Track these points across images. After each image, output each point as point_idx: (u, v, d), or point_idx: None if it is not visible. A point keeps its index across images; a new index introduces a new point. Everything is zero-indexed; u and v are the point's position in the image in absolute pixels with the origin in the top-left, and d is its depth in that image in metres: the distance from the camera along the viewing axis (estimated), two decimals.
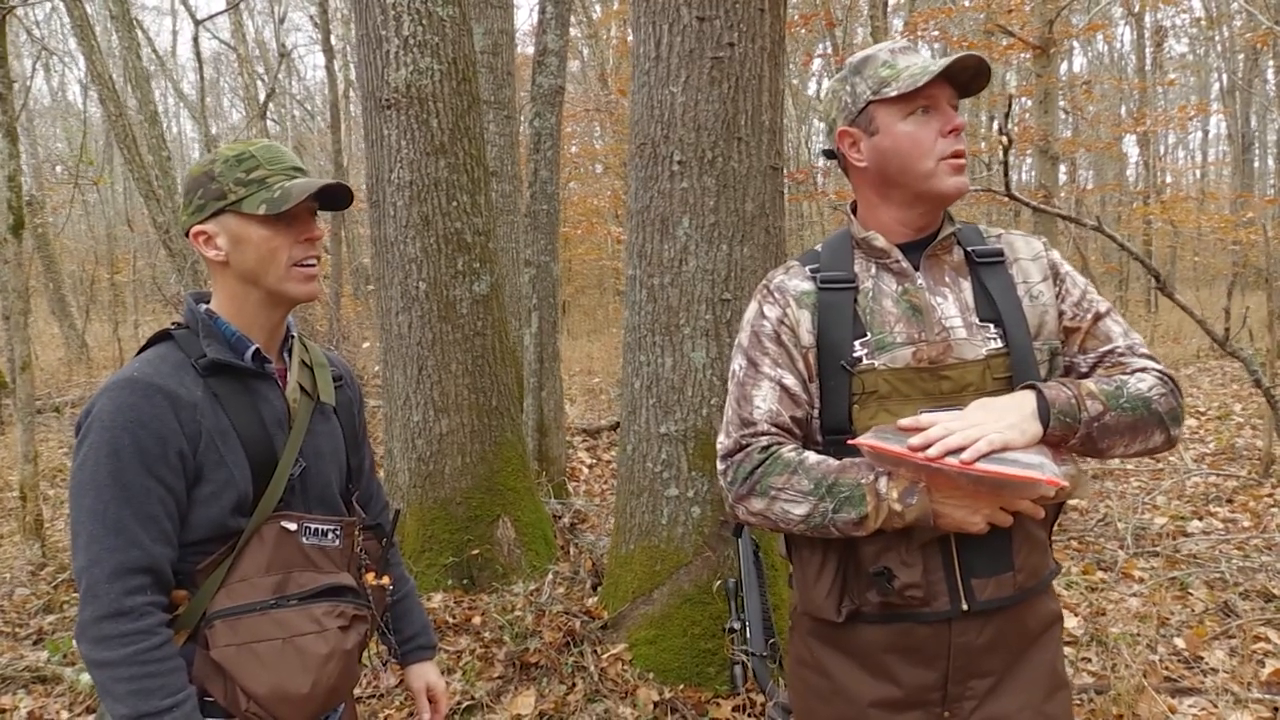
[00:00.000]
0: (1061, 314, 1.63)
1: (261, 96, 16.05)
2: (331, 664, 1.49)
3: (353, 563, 1.66)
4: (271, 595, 1.48)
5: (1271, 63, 17.68)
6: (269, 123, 19.92)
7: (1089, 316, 1.62)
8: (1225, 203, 19.33)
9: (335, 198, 1.59)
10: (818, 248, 1.74)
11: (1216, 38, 22.59)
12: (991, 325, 1.58)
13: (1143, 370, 1.57)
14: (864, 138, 1.61)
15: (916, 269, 1.62)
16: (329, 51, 12.96)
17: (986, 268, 1.63)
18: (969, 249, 1.65)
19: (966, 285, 1.62)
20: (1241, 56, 20.64)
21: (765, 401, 1.61)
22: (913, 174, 1.57)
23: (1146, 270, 4.36)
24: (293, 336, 1.67)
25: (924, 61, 1.56)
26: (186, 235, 1.58)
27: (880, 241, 1.63)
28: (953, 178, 1.56)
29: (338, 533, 1.61)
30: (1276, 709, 3.20)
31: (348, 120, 18.61)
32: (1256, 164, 24.36)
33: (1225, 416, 8.35)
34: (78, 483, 1.42)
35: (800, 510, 1.51)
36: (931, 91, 1.55)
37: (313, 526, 1.56)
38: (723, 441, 1.64)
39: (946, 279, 1.62)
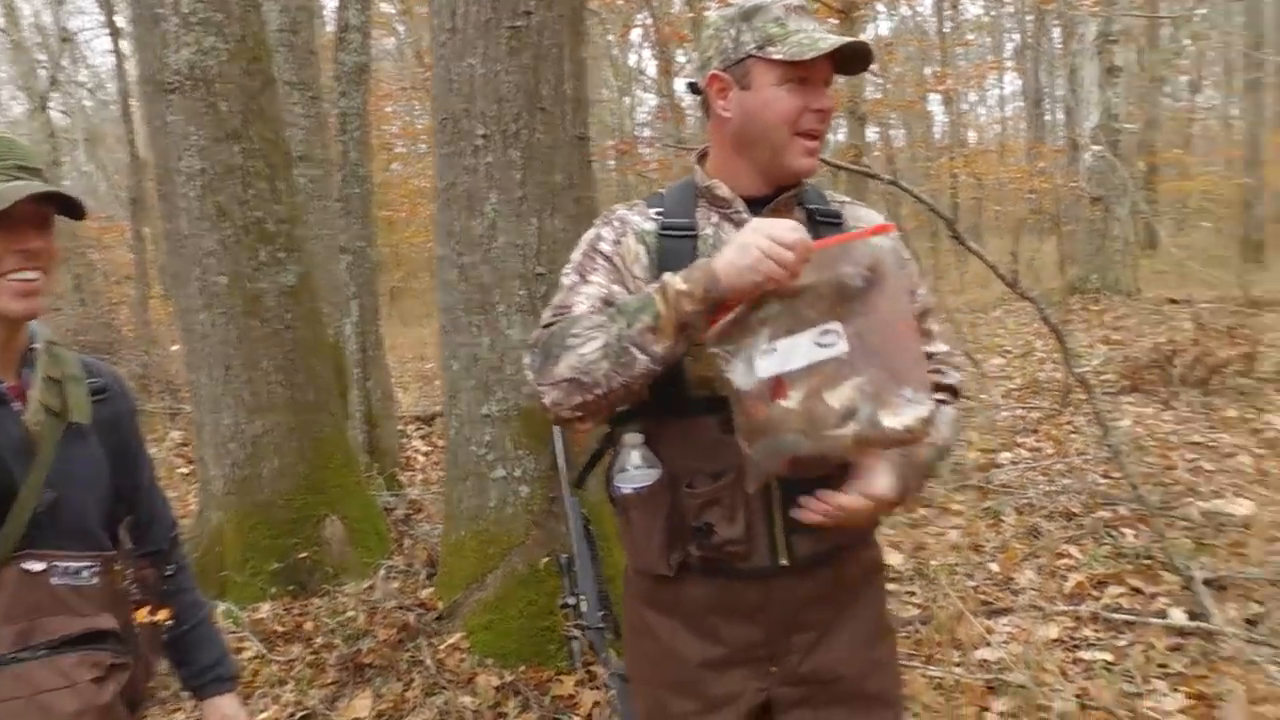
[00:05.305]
0: None
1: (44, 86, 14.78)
2: None
3: (118, 600, 1.49)
4: (12, 647, 1.32)
5: (1057, 22, 19.00)
6: (55, 114, 18.39)
7: (918, 308, 1.62)
8: (1021, 154, 20.66)
9: (64, 207, 1.39)
10: (661, 191, 1.69)
11: (1008, 1, 24.01)
12: None
13: (950, 389, 1.62)
14: (734, 88, 1.54)
15: None
16: (115, 34, 12.06)
17: (826, 228, 1.60)
18: (810, 208, 1.62)
19: None
20: (1030, 18, 22.06)
21: (588, 301, 1.53)
22: (768, 142, 1.53)
23: (939, 217, 4.59)
24: (35, 348, 1.48)
25: (814, 31, 1.50)
26: None
27: (724, 191, 1.59)
28: (804, 158, 1.54)
29: (95, 569, 1.44)
30: (1078, 618, 3.47)
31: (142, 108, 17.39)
32: (1047, 117, 26.15)
33: (1028, 353, 8.94)
34: None
35: (597, 342, 1.41)
36: (815, 65, 1.49)
37: (63, 565, 1.40)
38: (531, 336, 1.54)
39: None
